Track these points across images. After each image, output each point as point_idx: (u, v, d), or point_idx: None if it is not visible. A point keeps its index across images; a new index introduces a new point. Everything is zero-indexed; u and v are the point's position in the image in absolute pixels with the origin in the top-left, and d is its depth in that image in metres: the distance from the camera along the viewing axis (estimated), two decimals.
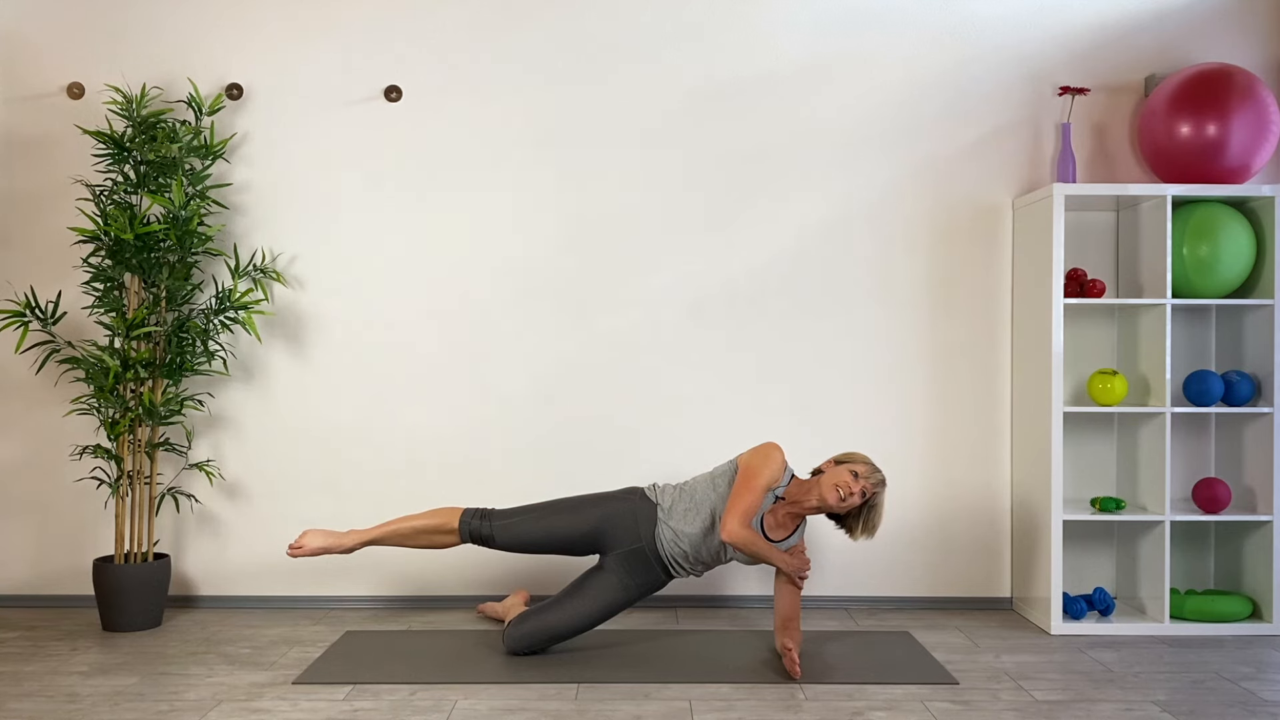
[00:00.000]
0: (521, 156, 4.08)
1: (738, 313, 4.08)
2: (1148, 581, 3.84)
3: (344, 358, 4.08)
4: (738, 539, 3.24)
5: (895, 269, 4.09)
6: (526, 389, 4.08)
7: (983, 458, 4.09)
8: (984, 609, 4.08)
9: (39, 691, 3.09)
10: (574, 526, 3.42)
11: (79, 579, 4.07)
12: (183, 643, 3.60)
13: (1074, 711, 2.96)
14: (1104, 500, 3.80)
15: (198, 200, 3.81)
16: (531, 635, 3.39)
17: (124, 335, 3.72)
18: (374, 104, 4.08)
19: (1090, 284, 3.84)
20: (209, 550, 4.08)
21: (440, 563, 4.08)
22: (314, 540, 3.42)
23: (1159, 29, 4.09)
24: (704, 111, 4.08)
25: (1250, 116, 3.75)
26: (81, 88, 4.01)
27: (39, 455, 4.07)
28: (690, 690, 3.11)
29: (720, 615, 3.96)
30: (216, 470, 4.07)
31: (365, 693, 3.09)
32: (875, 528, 3.37)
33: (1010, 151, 4.09)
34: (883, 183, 4.09)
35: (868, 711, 2.94)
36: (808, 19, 4.09)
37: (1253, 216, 3.87)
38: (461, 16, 4.08)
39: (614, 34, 4.08)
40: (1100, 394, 3.79)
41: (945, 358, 4.09)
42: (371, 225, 4.08)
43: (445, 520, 3.44)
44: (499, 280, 4.09)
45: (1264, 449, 3.81)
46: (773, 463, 3.34)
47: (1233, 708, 3.00)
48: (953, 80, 4.09)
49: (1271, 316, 3.78)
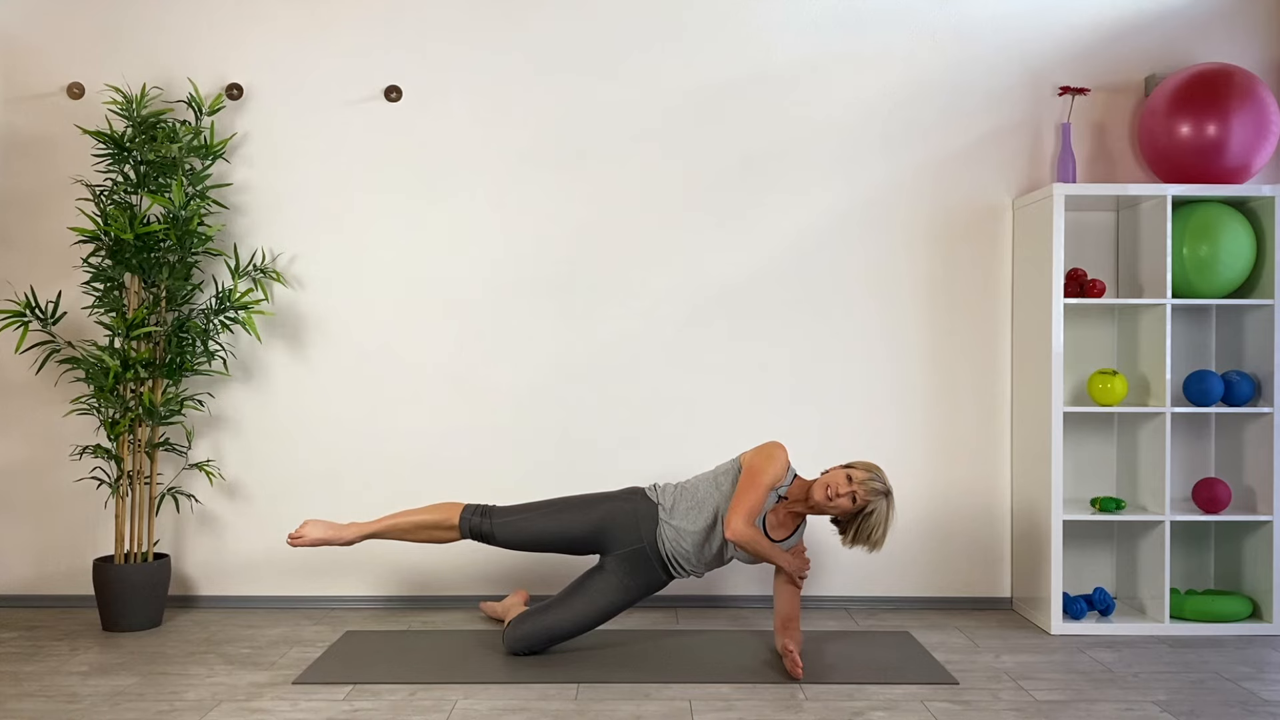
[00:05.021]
0: (521, 156, 4.08)
1: (738, 313, 4.08)
2: (1148, 581, 3.84)
3: (344, 358, 4.08)
4: (742, 538, 3.24)
5: (895, 269, 4.09)
6: (527, 388, 4.08)
7: (983, 458, 4.09)
8: (984, 609, 4.08)
9: (39, 691, 3.10)
10: (574, 526, 3.42)
11: (79, 579, 4.07)
12: (183, 643, 3.60)
13: (1074, 711, 2.96)
14: (1104, 500, 3.80)
15: (198, 200, 3.81)
16: (531, 636, 3.39)
17: (124, 335, 3.72)
18: (374, 104, 4.09)
19: (1090, 284, 3.85)
20: (209, 550, 4.08)
21: (440, 562, 4.08)
22: (314, 531, 3.42)
23: (1159, 29, 4.09)
24: (704, 111, 4.08)
25: (1250, 116, 3.75)
26: (81, 88, 4.01)
27: (39, 455, 4.07)
28: (690, 690, 3.11)
29: (720, 615, 3.96)
30: (216, 470, 4.07)
31: (365, 693, 3.09)
32: (874, 541, 3.29)
33: (1010, 151, 4.09)
34: (883, 183, 4.09)
35: (868, 711, 2.94)
36: (808, 19, 4.09)
37: (1253, 216, 3.87)
38: (461, 16, 4.08)
39: (613, 34, 4.08)
40: (1100, 394, 3.79)
41: (945, 358, 4.09)
42: (371, 225, 4.08)
43: (446, 516, 3.44)
44: (499, 279, 4.09)
45: (1264, 449, 3.81)
46: (776, 462, 3.33)
47: (1233, 708, 3.00)
48: (953, 80, 4.09)
49: (1271, 316, 3.78)
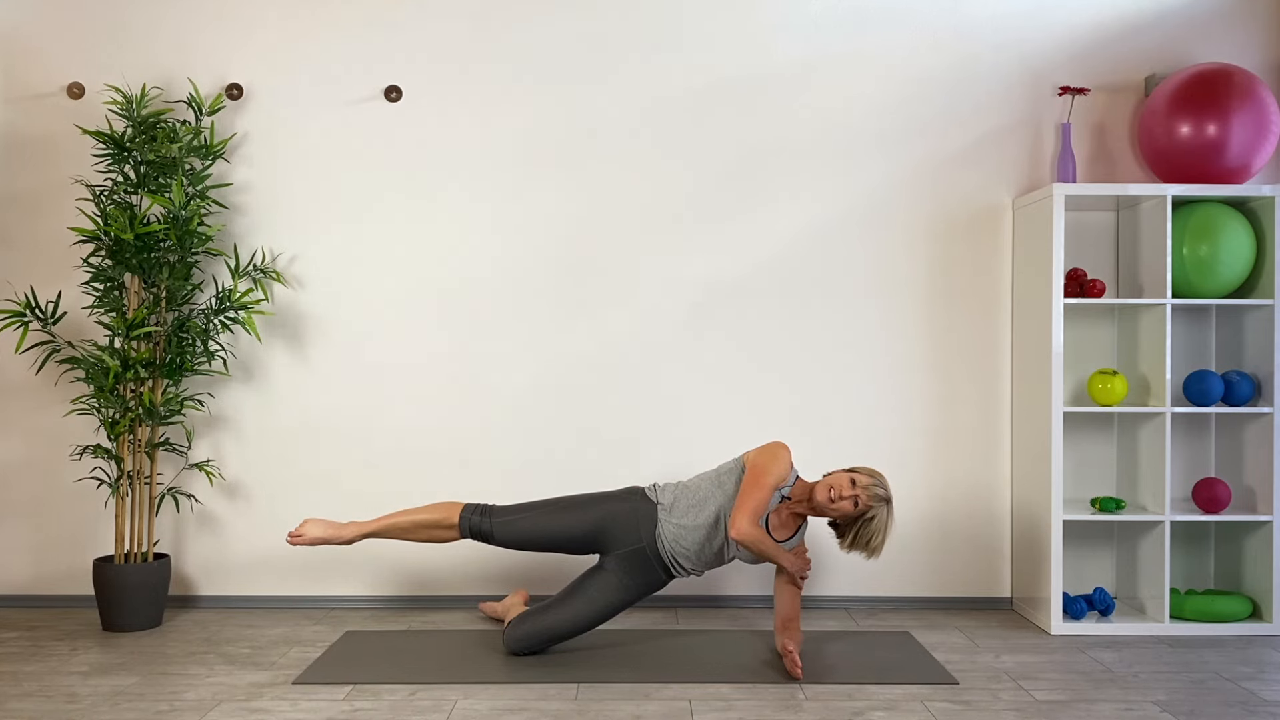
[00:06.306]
0: (522, 156, 4.08)
1: (738, 313, 4.08)
2: (1148, 581, 3.84)
3: (344, 357, 4.08)
4: (746, 537, 3.23)
5: (895, 269, 4.09)
6: (527, 388, 4.08)
7: (983, 458, 4.09)
8: (984, 609, 4.08)
9: (39, 691, 3.09)
10: (574, 526, 3.42)
11: (79, 579, 4.07)
12: (183, 643, 3.60)
13: (1074, 711, 2.96)
14: (1104, 500, 3.80)
15: (198, 200, 3.81)
16: (531, 636, 3.39)
17: (124, 335, 3.72)
18: (374, 104, 4.08)
19: (1090, 284, 3.84)
20: (209, 550, 4.08)
21: (440, 561, 4.08)
22: (314, 530, 3.42)
23: (1159, 29, 4.09)
24: (704, 111, 4.08)
25: (1250, 116, 3.75)
26: (81, 88, 4.01)
27: (39, 455, 4.07)
28: (690, 690, 3.11)
29: (720, 615, 3.96)
30: (216, 470, 4.07)
31: (365, 693, 3.09)
32: (872, 548, 3.30)
33: (1010, 151, 4.09)
34: (883, 183, 4.09)
35: (868, 711, 2.94)
36: (807, 19, 4.09)
37: (1253, 216, 3.87)
38: (461, 16, 4.08)
39: (614, 33, 4.08)
40: (1100, 394, 3.79)
41: (945, 358, 4.09)
42: (371, 225, 4.08)
43: (445, 515, 3.44)
44: (499, 279, 4.09)
45: (1264, 449, 3.81)
46: (781, 462, 3.33)
47: (1233, 708, 3.00)
48: (953, 80, 4.09)
49: (1271, 316, 3.78)
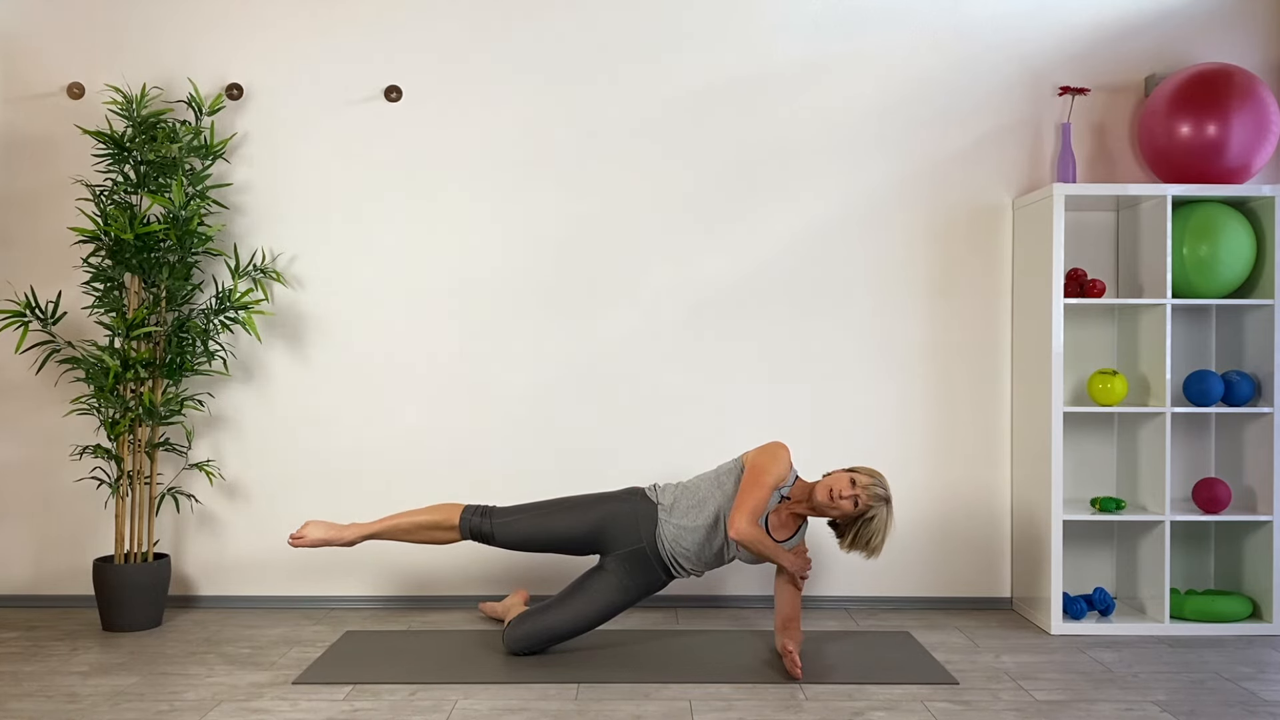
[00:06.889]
0: (522, 156, 4.09)
1: (737, 313, 4.08)
2: (1148, 581, 3.84)
3: (344, 358, 4.08)
4: (746, 537, 3.24)
5: (895, 269, 4.09)
6: (527, 388, 4.08)
7: (983, 458, 4.09)
8: (984, 609, 4.08)
9: (39, 691, 3.09)
10: (574, 526, 3.42)
11: (79, 579, 4.07)
12: (183, 643, 3.60)
13: (1074, 711, 2.96)
14: (1104, 500, 3.80)
15: (198, 200, 3.81)
16: (531, 636, 3.39)
17: (124, 335, 3.72)
18: (374, 104, 4.09)
19: (1090, 284, 3.84)
20: (209, 550, 4.08)
21: (440, 562, 4.08)
22: (315, 531, 3.43)
23: (1159, 29, 4.09)
24: (704, 111, 4.08)
25: (1250, 116, 3.75)
26: (81, 88, 4.01)
27: (39, 455, 4.07)
28: (690, 690, 3.11)
29: (720, 615, 3.96)
30: (216, 470, 4.07)
31: (365, 693, 3.09)
32: (872, 548, 3.31)
33: (1010, 151, 4.09)
34: (883, 183, 4.09)
35: (868, 711, 2.94)
36: (807, 19, 4.09)
37: (1253, 216, 3.87)
38: (462, 17, 4.08)
39: (614, 34, 4.08)
40: (1100, 394, 3.79)
41: (945, 358, 4.09)
42: (372, 225, 4.08)
43: (446, 516, 3.44)
44: (499, 280, 4.09)
45: (1264, 449, 3.81)
46: (780, 462, 3.33)
47: (1233, 708, 3.00)
48: (953, 80, 4.09)
49: (1271, 316, 3.78)
